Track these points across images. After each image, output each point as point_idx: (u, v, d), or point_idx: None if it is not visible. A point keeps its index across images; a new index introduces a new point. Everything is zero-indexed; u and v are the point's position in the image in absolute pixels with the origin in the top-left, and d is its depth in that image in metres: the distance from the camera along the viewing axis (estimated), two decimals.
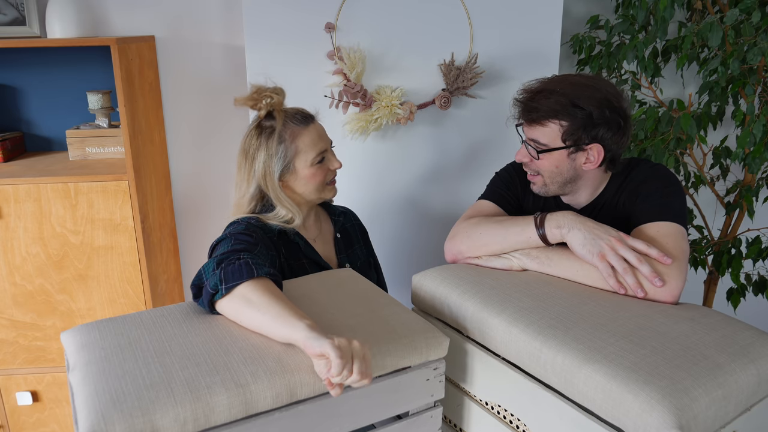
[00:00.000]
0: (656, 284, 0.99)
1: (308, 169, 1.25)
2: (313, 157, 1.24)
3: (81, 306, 1.76)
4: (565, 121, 1.12)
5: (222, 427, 0.80)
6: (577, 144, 1.13)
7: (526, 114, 1.16)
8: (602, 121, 1.11)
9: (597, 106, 1.10)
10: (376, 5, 1.70)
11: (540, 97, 1.13)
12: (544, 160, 1.17)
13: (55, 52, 1.90)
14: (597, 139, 1.12)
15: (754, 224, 2.17)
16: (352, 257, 1.39)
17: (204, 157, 2.08)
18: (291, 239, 1.28)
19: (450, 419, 1.11)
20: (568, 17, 2.07)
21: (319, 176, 1.26)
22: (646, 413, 0.75)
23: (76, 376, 0.85)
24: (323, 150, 1.26)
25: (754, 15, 1.55)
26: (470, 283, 1.06)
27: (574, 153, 1.15)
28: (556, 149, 1.14)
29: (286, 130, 1.23)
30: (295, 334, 0.85)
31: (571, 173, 1.17)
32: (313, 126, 1.26)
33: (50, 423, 1.87)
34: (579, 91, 1.12)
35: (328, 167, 1.27)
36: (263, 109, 1.23)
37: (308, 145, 1.24)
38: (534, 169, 1.20)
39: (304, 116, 1.26)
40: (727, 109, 2.07)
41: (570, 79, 1.16)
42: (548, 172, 1.18)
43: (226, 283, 0.94)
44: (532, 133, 1.17)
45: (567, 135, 1.13)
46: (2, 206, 1.65)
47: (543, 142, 1.15)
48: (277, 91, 1.24)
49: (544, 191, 1.22)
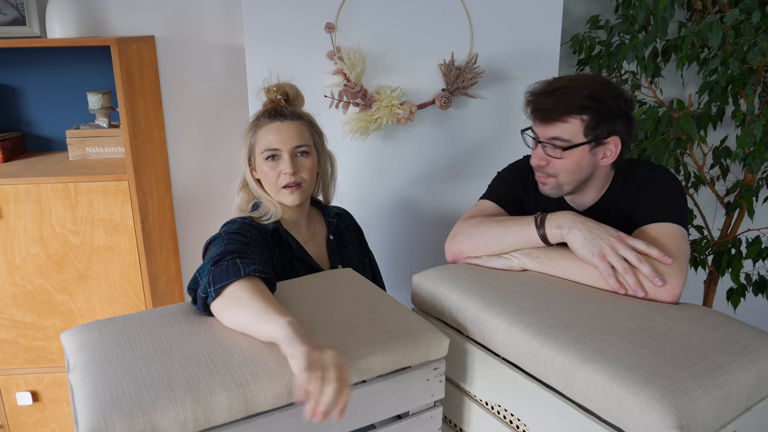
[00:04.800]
0: (657, 284, 0.99)
1: (262, 163, 1.27)
2: (261, 152, 1.27)
3: (81, 306, 1.76)
4: (586, 115, 1.13)
5: (222, 427, 0.80)
6: (597, 138, 1.14)
7: (545, 113, 1.15)
8: (620, 114, 1.14)
9: (613, 99, 1.13)
10: (376, 5, 1.70)
11: (557, 94, 1.14)
12: (565, 159, 1.15)
13: (55, 52, 1.90)
14: (615, 132, 1.14)
15: (754, 224, 2.17)
16: (345, 258, 1.39)
17: (204, 157, 2.08)
18: (283, 240, 1.28)
19: (450, 419, 1.11)
20: (568, 17, 2.07)
21: (271, 176, 1.27)
22: (646, 413, 0.75)
23: (77, 376, 0.85)
24: (274, 148, 1.25)
25: (754, 15, 1.55)
26: (470, 283, 1.06)
27: (595, 148, 1.15)
28: (578, 145, 1.14)
29: (258, 121, 1.29)
30: (274, 331, 0.84)
31: (589, 170, 1.18)
32: (278, 124, 1.26)
33: (50, 423, 1.87)
34: (595, 85, 1.14)
35: (280, 169, 1.26)
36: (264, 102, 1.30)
37: (263, 139, 1.27)
38: (550, 171, 1.18)
39: (276, 113, 1.28)
40: (727, 109, 2.06)
41: (580, 76, 1.19)
42: (567, 172, 1.17)
43: (215, 285, 0.94)
44: (552, 132, 1.15)
45: (589, 129, 1.13)
46: (2, 206, 1.65)
47: (566, 138, 1.14)
48: (281, 89, 1.29)
49: (555, 192, 1.21)
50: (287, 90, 1.30)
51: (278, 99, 1.29)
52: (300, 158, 1.27)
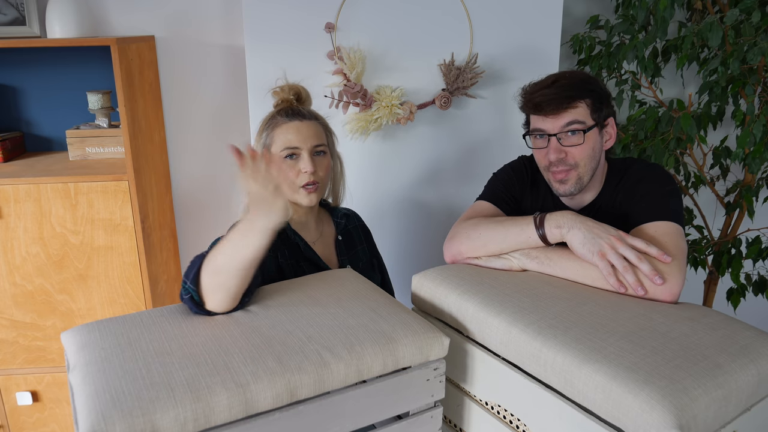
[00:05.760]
0: (656, 282, 0.99)
1: (280, 162, 1.26)
2: (280, 150, 1.25)
3: (81, 306, 1.76)
4: (589, 99, 1.17)
5: (222, 427, 0.80)
6: (600, 121, 1.19)
7: (556, 102, 1.16)
8: (607, 97, 1.20)
9: (599, 84, 1.19)
10: (376, 5, 1.70)
11: (559, 84, 1.17)
12: (585, 144, 1.17)
13: (55, 52, 1.90)
14: (610, 114, 1.21)
15: (754, 224, 2.17)
16: (353, 259, 1.39)
17: (204, 157, 2.08)
18: (291, 240, 1.28)
19: (450, 419, 1.11)
20: (568, 17, 2.07)
21: (290, 175, 1.26)
22: (646, 413, 0.75)
23: (77, 376, 0.85)
24: (293, 147, 1.25)
25: (754, 15, 1.55)
26: (470, 283, 1.06)
27: (601, 130, 1.20)
28: (592, 127, 1.17)
29: (274, 120, 1.28)
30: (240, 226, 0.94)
31: (599, 156, 1.21)
32: (297, 123, 1.26)
33: (50, 423, 1.87)
34: (582, 74, 1.21)
35: (299, 168, 1.26)
36: (276, 100, 1.30)
37: (281, 138, 1.26)
38: (570, 162, 1.18)
39: (294, 112, 1.28)
40: (727, 109, 2.07)
41: (564, 71, 1.26)
42: (586, 159, 1.18)
43: (188, 278, 0.97)
44: (565, 118, 1.16)
45: (594, 112, 1.18)
46: (2, 206, 1.65)
47: (581, 120, 1.16)
48: (289, 87, 1.30)
49: (578, 187, 1.20)
50: (300, 90, 1.31)
51: (291, 99, 1.30)
52: (317, 158, 1.27)
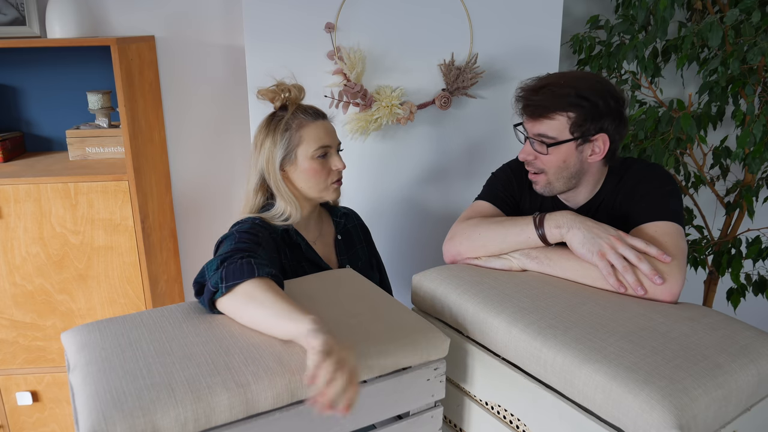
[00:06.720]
0: (656, 282, 0.99)
1: (309, 161, 1.25)
2: (314, 149, 1.24)
3: (81, 306, 1.76)
4: (572, 113, 1.13)
5: (223, 427, 0.80)
6: (584, 135, 1.14)
7: (532, 109, 1.16)
8: (607, 112, 1.13)
9: (602, 97, 1.13)
10: (376, 5, 1.70)
11: (545, 91, 1.14)
12: (551, 156, 1.16)
13: (55, 52, 1.90)
14: (603, 129, 1.15)
15: (754, 224, 2.17)
16: (353, 258, 1.39)
17: (204, 157, 2.08)
18: (293, 240, 1.28)
19: (450, 419, 1.11)
20: (568, 17, 2.07)
21: (322, 174, 1.26)
22: (646, 413, 0.75)
23: (77, 376, 0.85)
24: (326, 145, 1.26)
25: (754, 15, 1.55)
26: (470, 283, 1.06)
27: (582, 145, 1.16)
28: (564, 142, 1.15)
29: (294, 120, 1.26)
30: (301, 327, 0.85)
31: (577, 167, 1.18)
32: (323, 122, 1.27)
33: (50, 423, 1.87)
34: (584, 83, 1.14)
35: (330, 166, 1.27)
36: (278, 101, 1.26)
37: (312, 137, 1.25)
38: (539, 167, 1.19)
39: (316, 112, 1.28)
40: (727, 109, 2.06)
41: (570, 73, 1.20)
42: (555, 168, 1.18)
43: (227, 281, 0.95)
44: (538, 128, 1.16)
45: (575, 126, 1.14)
46: (2, 206, 1.65)
47: (551, 135, 1.15)
48: (297, 87, 1.28)
49: (547, 190, 1.22)
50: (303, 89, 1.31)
51: (301, 98, 1.29)
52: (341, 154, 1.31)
